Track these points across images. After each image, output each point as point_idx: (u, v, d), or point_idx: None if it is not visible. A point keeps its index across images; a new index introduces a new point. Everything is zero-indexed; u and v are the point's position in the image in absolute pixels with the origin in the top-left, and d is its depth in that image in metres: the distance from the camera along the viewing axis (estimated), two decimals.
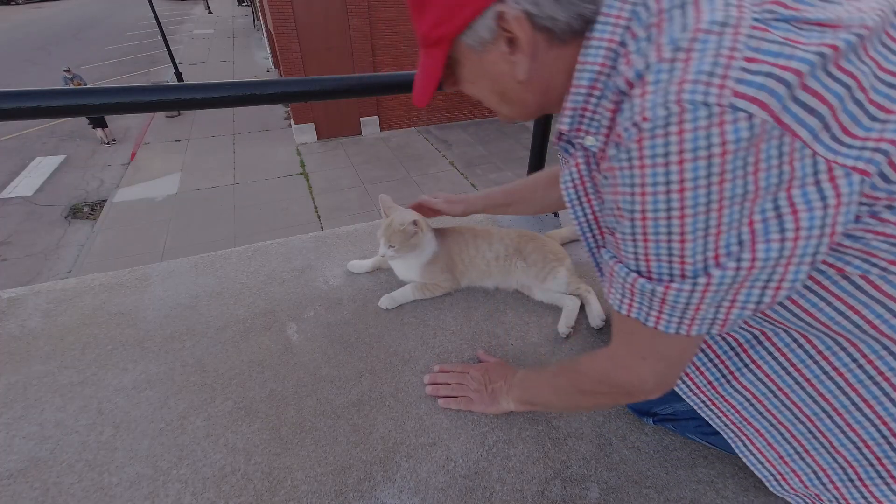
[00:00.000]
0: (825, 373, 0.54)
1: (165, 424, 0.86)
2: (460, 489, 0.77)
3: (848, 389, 0.53)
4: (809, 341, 0.54)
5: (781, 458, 0.64)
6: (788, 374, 0.58)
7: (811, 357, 0.55)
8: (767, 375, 0.60)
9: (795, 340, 0.55)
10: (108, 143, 11.59)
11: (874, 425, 0.53)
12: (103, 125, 11.40)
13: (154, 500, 0.74)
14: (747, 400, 0.63)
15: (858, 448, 0.56)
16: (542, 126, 1.39)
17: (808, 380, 0.56)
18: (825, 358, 0.54)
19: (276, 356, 1.00)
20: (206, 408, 0.89)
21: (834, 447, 0.58)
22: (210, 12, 32.56)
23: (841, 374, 0.53)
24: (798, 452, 0.62)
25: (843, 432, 0.56)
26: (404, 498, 0.75)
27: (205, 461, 0.80)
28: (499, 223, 1.43)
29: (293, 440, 0.84)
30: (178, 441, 0.83)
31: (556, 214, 1.48)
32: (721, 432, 0.70)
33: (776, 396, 0.60)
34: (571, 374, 0.71)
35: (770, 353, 0.58)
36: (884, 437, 0.53)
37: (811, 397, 0.57)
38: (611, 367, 0.62)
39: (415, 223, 1.04)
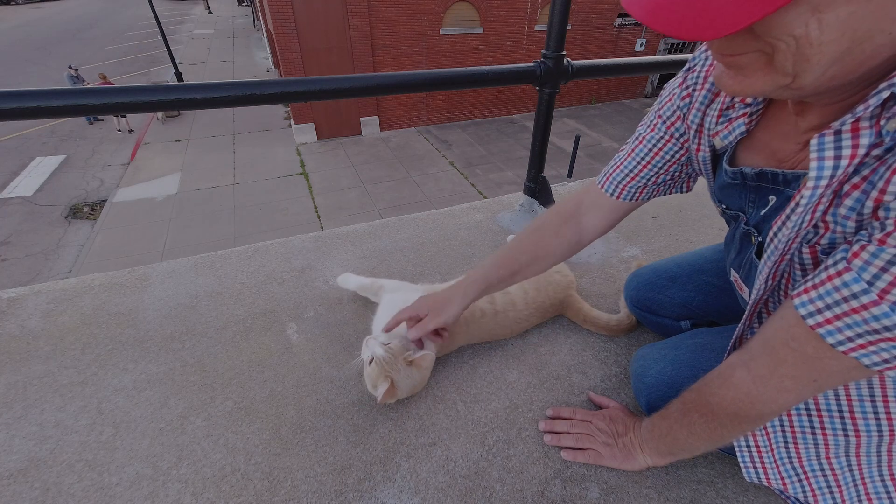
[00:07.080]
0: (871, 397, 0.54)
1: (165, 424, 0.86)
2: (460, 489, 0.77)
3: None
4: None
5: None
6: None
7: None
8: None
9: None
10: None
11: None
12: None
13: (154, 500, 0.74)
14: None
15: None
16: (543, 126, 1.39)
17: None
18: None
19: (276, 356, 1.00)
20: (206, 408, 0.89)
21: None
22: (210, 12, 32.56)
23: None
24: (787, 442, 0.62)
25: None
26: (404, 498, 0.75)
27: (205, 461, 0.80)
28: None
29: (293, 440, 0.84)
30: (178, 441, 0.83)
31: None
32: None
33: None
34: (703, 407, 0.61)
35: None
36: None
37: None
38: (753, 390, 0.54)
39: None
